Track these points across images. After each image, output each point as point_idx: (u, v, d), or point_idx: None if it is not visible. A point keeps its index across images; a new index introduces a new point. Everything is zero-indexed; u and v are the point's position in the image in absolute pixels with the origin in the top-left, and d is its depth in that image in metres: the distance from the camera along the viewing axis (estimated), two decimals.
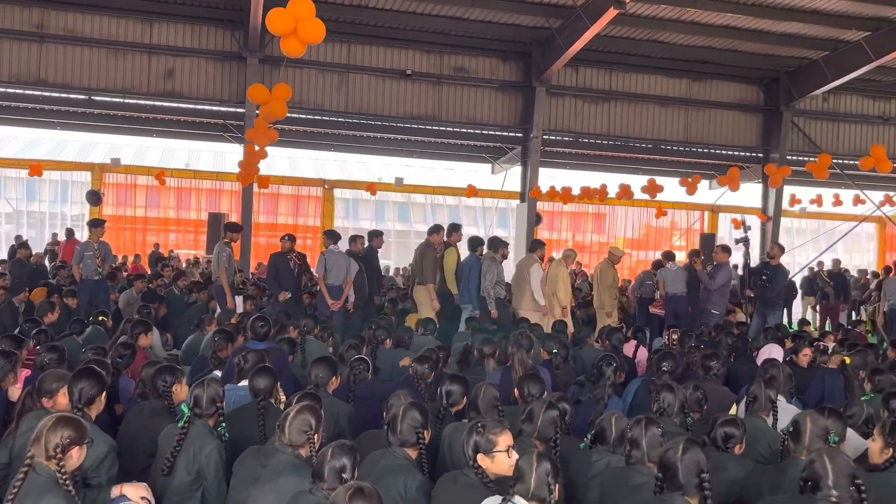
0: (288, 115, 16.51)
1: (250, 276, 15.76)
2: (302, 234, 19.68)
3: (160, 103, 17.22)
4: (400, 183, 20.15)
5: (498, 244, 10.83)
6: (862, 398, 5.50)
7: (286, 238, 11.00)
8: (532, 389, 4.83)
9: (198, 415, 4.02)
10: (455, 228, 11.02)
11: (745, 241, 12.62)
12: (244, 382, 4.97)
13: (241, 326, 7.06)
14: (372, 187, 19.35)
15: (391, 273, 20.08)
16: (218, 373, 5.79)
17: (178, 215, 20.81)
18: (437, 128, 18.65)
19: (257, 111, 11.01)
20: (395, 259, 23.79)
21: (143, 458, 4.22)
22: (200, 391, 4.09)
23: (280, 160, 25.21)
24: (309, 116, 17.99)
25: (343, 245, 10.75)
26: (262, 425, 4.30)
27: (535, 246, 11.22)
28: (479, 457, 3.38)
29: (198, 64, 17.14)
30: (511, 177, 20.42)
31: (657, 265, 13.34)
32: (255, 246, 18.92)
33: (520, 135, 19.04)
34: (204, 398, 4.06)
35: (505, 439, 3.41)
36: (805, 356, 7.30)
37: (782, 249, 12.79)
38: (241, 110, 17.02)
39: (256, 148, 12.08)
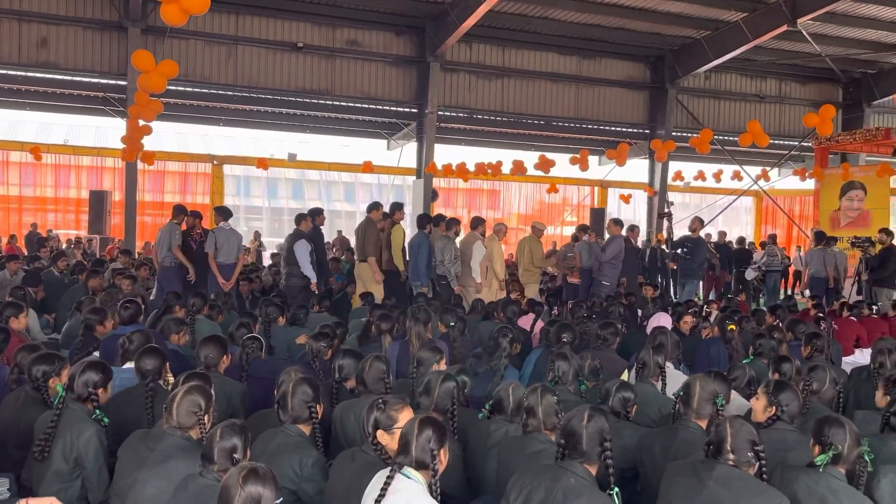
0: (173, 87, 15.89)
1: (136, 256, 15.12)
2: None
3: (33, 74, 16.23)
4: (293, 159, 19.76)
5: (452, 223, 10.83)
6: (744, 361, 5.72)
7: (189, 215, 10.51)
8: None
9: (73, 398, 3.83)
10: (398, 207, 10.92)
11: (669, 216, 13.36)
12: (129, 364, 4.76)
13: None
14: (263, 163, 18.87)
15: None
16: (97, 354, 5.52)
17: (56, 194, 19.76)
18: (330, 102, 18.37)
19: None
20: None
21: (14, 452, 3.97)
22: (75, 373, 3.89)
23: (167, 135, 24.32)
24: (196, 90, 17.35)
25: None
26: (151, 408, 4.12)
27: (475, 223, 11.12)
28: (379, 433, 3.34)
29: (74, 33, 16.21)
30: (407, 153, 20.51)
31: (575, 239, 13.57)
32: (141, 225, 18.22)
33: (415, 110, 19.00)
34: (78, 381, 3.86)
35: (406, 416, 3.36)
36: (686, 323, 7.54)
37: (702, 223, 13.30)
38: (123, 83, 16.24)
39: (140, 122, 11.52)
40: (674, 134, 20.14)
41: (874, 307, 10.63)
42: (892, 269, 12.84)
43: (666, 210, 13.27)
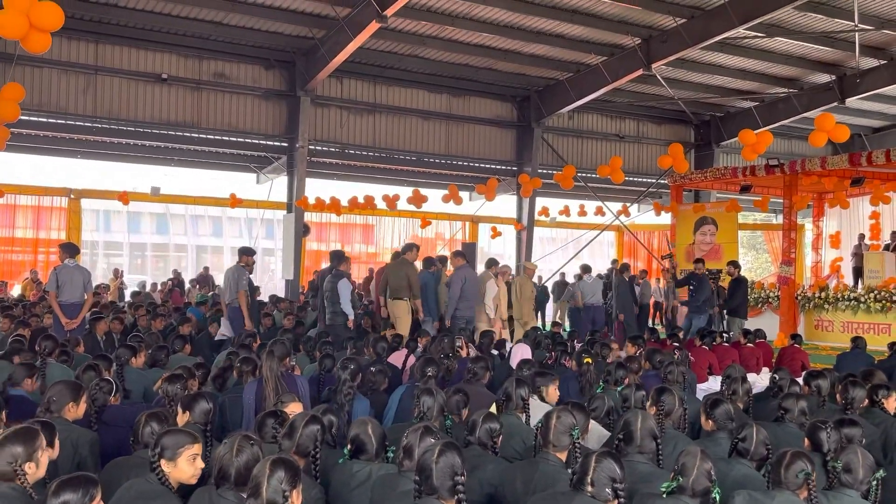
0: (26, 118, 15.08)
1: None
2: (45, 249, 18.14)
3: None
4: (157, 192, 19.03)
5: (492, 263, 11.80)
6: (596, 389, 5.91)
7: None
8: (285, 398, 4.71)
9: None
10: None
11: (671, 257, 15.50)
12: None
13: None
14: (125, 197, 18.12)
15: (148, 289, 18.92)
16: None
17: None
18: (196, 135, 17.88)
19: None
20: (151, 274, 22.43)
21: None
22: None
23: (21, 167, 23.18)
24: (51, 120, 16.50)
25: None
26: None
27: (490, 262, 11.96)
28: (163, 462, 3.33)
29: None
30: (277, 186, 20.16)
31: (577, 277, 14.78)
32: None
33: (285, 144, 18.75)
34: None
35: (193, 449, 3.37)
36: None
37: (703, 262, 13.78)
38: None
39: None
40: (540, 171, 20.55)
41: (724, 335, 10.93)
42: (741, 299, 13.29)
43: (668, 252, 13.80)
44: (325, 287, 10.61)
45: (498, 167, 21.57)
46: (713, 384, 8.27)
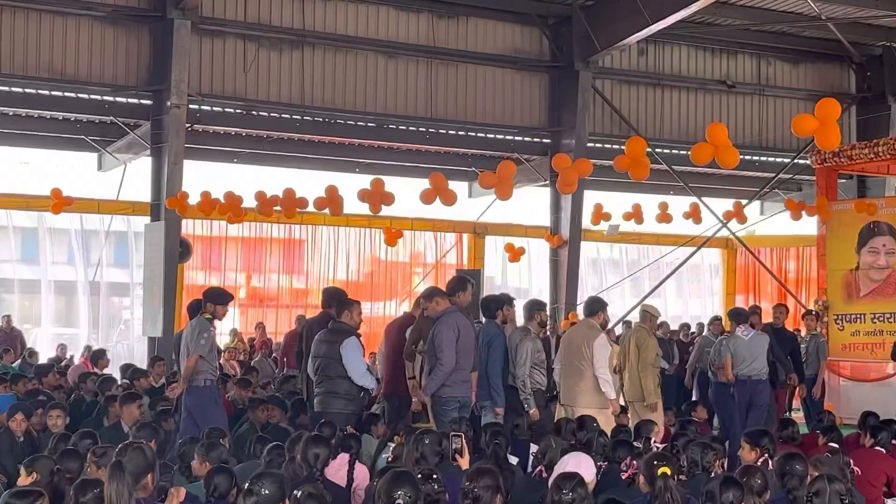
0: None
1: None
2: None
3: None
4: None
5: (535, 308, 12.29)
6: None
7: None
8: None
9: None
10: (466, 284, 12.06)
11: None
12: None
13: None
14: None
15: None
16: None
17: None
18: None
19: None
20: None
21: None
22: None
23: None
24: None
25: None
26: None
27: (595, 307, 12.22)
28: None
29: None
30: (135, 176, 20.21)
31: (714, 330, 15.85)
32: None
33: (147, 102, 18.82)
34: None
35: None
36: None
37: None
38: None
39: None
40: (590, 146, 20.62)
41: None
42: None
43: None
44: (317, 351, 11.24)
45: (518, 140, 21.60)
46: None
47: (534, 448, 9.18)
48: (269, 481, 5.84)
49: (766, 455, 8.20)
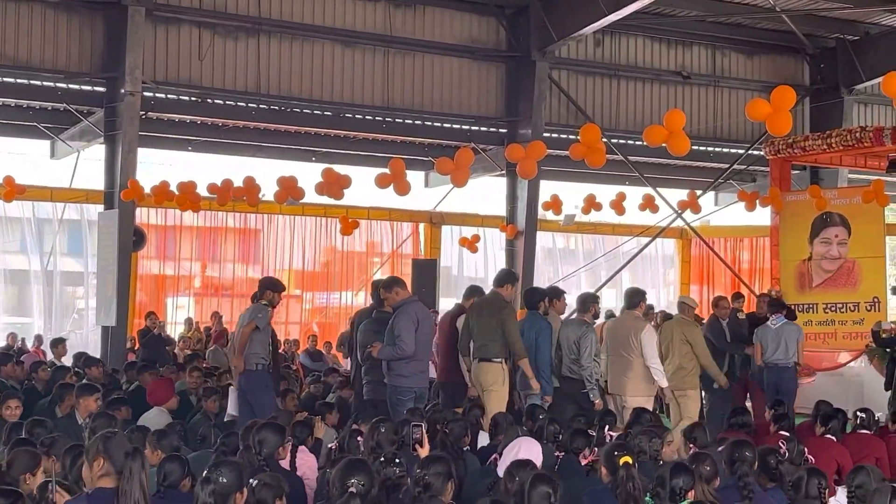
0: None
1: None
2: None
3: None
4: None
5: (590, 300, 12.61)
6: None
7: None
8: None
9: None
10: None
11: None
12: None
13: None
14: None
15: None
16: None
17: None
18: None
19: None
20: None
21: None
22: None
23: None
24: None
25: None
26: None
27: (636, 298, 12.71)
28: None
29: None
30: (88, 164, 20.44)
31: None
32: None
33: (101, 89, 18.73)
34: None
35: None
36: None
37: None
38: None
39: None
40: (546, 135, 20.32)
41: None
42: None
43: None
44: (365, 340, 11.75)
45: (474, 130, 21.68)
46: (842, 498, 8.06)
47: None
48: (226, 470, 5.81)
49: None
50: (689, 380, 12.96)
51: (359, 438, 8.30)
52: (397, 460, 6.77)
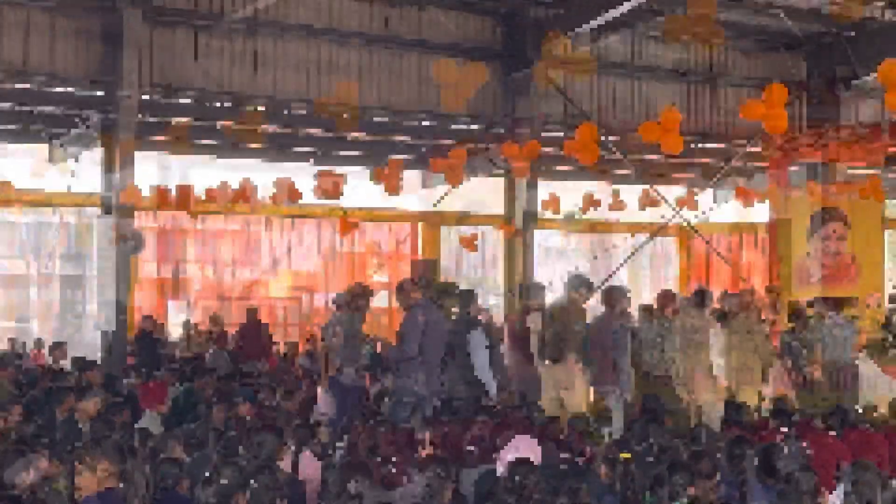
0: None
1: None
2: None
3: None
4: None
5: (619, 294, 13.18)
6: None
7: None
8: None
9: None
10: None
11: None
12: None
13: None
14: None
15: None
16: None
17: None
18: None
19: None
20: None
21: None
22: None
23: None
24: None
25: None
26: None
27: (703, 297, 13.36)
28: None
29: None
30: (87, 169, 20.13)
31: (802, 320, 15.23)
32: None
33: (99, 94, 18.90)
34: None
35: None
36: None
37: None
38: None
39: None
40: (543, 135, 20.52)
41: None
42: None
43: None
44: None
45: (472, 129, 21.82)
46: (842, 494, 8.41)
47: None
48: (227, 472, 5.92)
49: None
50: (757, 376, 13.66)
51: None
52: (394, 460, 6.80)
